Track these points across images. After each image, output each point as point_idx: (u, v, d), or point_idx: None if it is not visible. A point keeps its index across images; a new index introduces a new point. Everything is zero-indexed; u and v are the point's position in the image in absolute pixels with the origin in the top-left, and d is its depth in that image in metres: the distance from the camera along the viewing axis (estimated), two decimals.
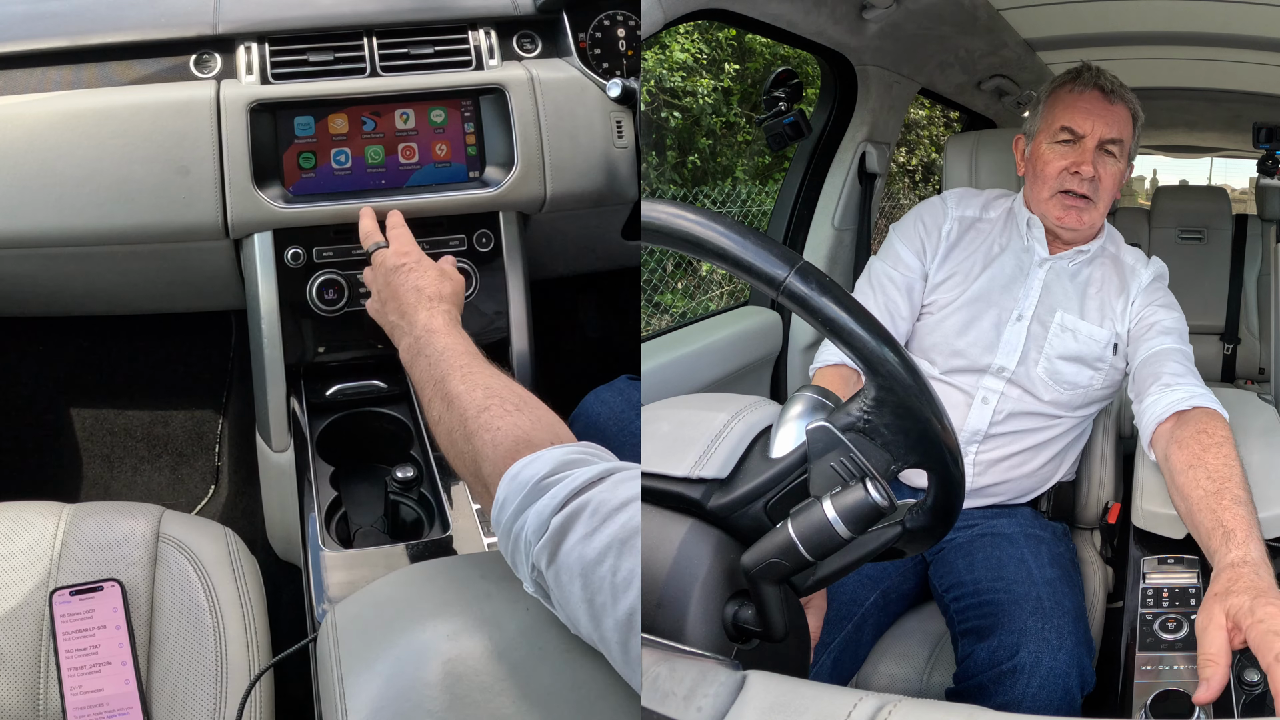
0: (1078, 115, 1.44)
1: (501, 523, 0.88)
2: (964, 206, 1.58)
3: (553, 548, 0.81)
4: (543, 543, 0.82)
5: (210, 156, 1.46)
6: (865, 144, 2.07)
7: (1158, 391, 1.32)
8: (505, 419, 0.98)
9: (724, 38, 3.98)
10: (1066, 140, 1.45)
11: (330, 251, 1.51)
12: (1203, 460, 1.17)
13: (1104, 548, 1.62)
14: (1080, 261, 1.51)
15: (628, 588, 0.76)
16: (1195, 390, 1.31)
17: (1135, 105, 1.48)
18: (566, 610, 0.83)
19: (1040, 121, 1.50)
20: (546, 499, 0.84)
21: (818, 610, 0.93)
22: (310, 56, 1.54)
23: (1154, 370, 1.37)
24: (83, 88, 1.50)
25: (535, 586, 0.86)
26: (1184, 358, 1.39)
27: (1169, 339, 1.42)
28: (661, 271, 3.54)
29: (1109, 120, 1.44)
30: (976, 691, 1.29)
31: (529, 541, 0.84)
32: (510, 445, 0.95)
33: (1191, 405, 1.28)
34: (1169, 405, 1.29)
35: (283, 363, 1.51)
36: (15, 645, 1.14)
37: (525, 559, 0.85)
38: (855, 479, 0.76)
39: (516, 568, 0.88)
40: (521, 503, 0.86)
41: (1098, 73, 1.47)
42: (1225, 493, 1.11)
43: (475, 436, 0.98)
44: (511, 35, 1.64)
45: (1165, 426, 1.29)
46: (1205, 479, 1.14)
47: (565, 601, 0.82)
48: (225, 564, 1.25)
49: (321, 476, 1.41)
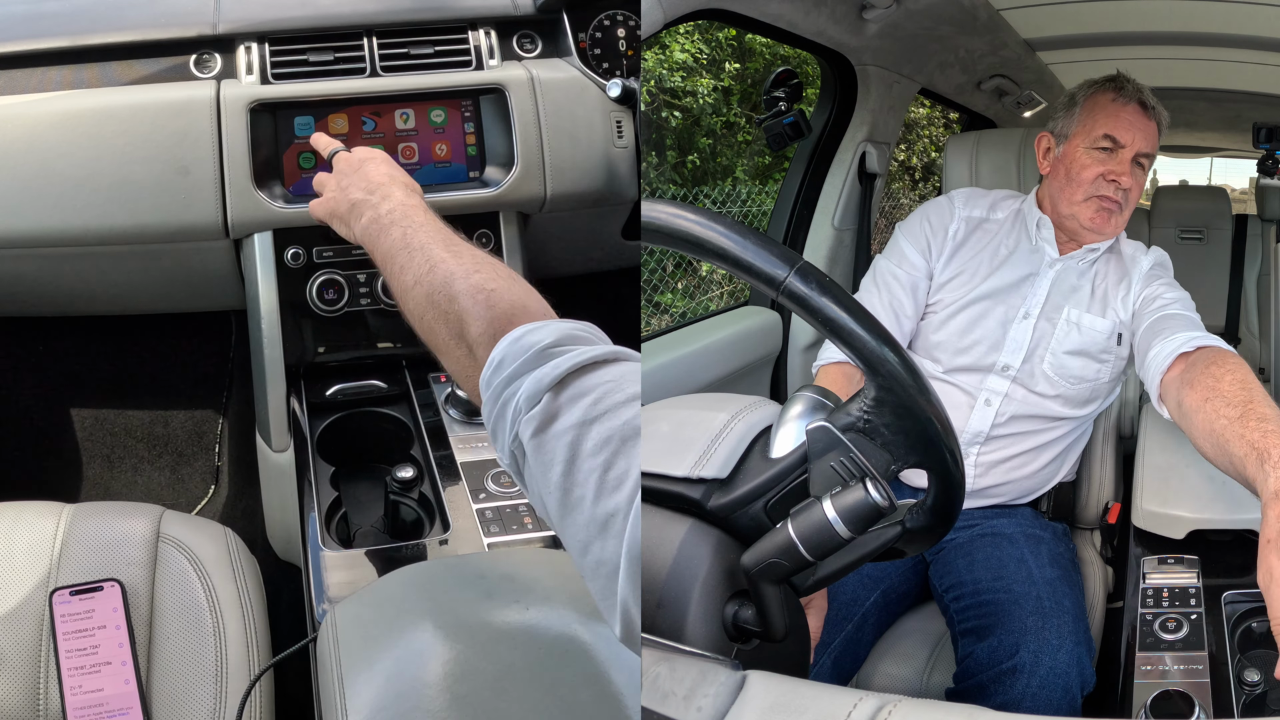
0: (1121, 126, 1.44)
1: (493, 385, 0.82)
2: (971, 206, 1.58)
3: (543, 420, 0.76)
4: (534, 412, 0.77)
5: (210, 156, 1.46)
6: (865, 144, 2.07)
7: (1159, 345, 1.28)
8: (499, 283, 0.92)
9: (724, 38, 3.98)
10: (1106, 148, 1.45)
11: (330, 251, 1.51)
12: (1219, 390, 1.09)
13: (1104, 548, 1.62)
14: (1089, 260, 1.51)
15: (617, 488, 0.71)
16: (1196, 334, 1.26)
17: (1165, 124, 1.49)
18: (537, 488, 0.78)
19: (1077, 125, 1.48)
20: (548, 368, 0.78)
21: (818, 610, 0.93)
22: (310, 56, 1.54)
23: (1155, 330, 1.34)
24: (83, 88, 1.50)
25: (510, 458, 0.81)
26: (1186, 319, 1.34)
27: (1171, 307, 1.39)
28: (661, 271, 3.54)
29: (1147, 134, 1.46)
30: (976, 691, 1.29)
31: (519, 408, 0.78)
32: (506, 307, 0.89)
33: (1194, 346, 1.23)
34: (1171, 352, 1.25)
35: (283, 363, 1.51)
36: (15, 645, 1.14)
37: (509, 426, 0.80)
38: (855, 479, 0.76)
39: (496, 435, 0.82)
40: (520, 366, 0.80)
41: (1139, 87, 1.47)
42: (1250, 414, 1.02)
43: (464, 296, 0.91)
44: (511, 35, 1.64)
45: (1172, 374, 1.23)
46: (1225, 406, 1.05)
47: (540, 480, 0.77)
48: (225, 564, 1.25)
49: (321, 476, 1.41)
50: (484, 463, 1.38)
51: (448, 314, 0.93)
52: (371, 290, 1.53)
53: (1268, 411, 1.01)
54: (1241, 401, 1.04)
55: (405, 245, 1.03)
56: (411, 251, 1.02)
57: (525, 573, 0.98)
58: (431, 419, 1.47)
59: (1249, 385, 1.08)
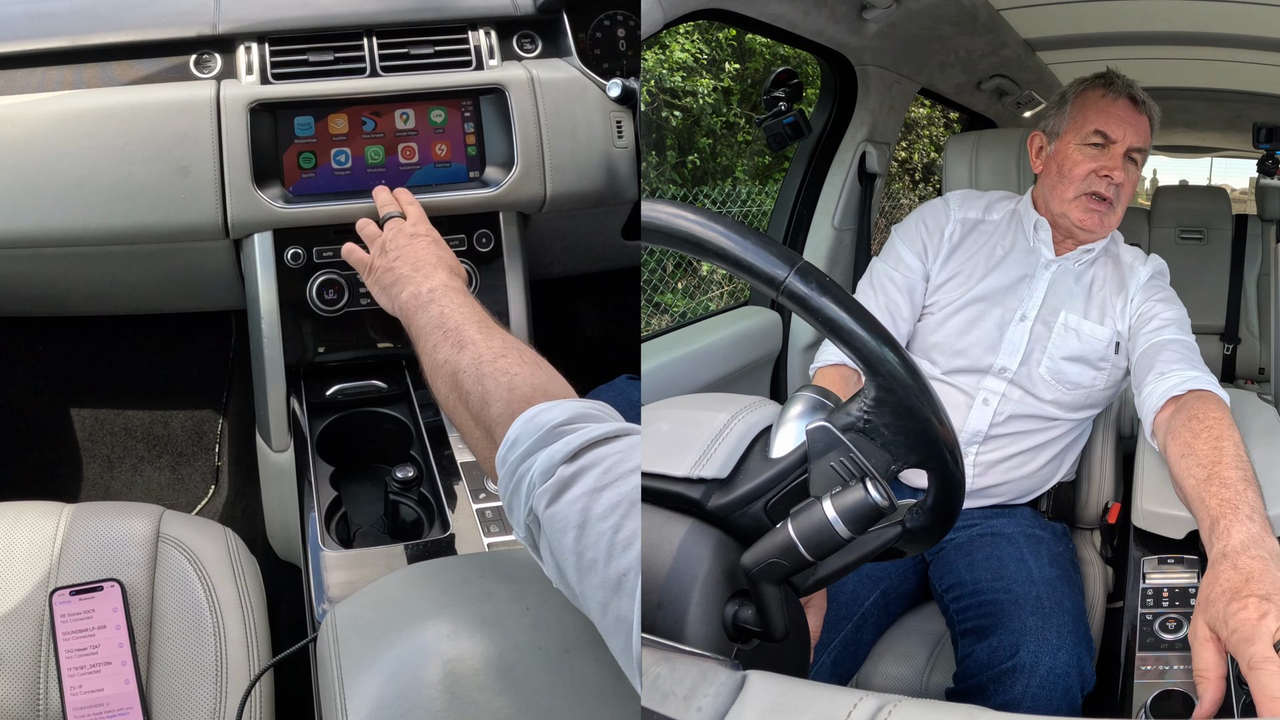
0: (1111, 121, 1.45)
1: (508, 462, 0.87)
2: (967, 208, 1.59)
3: (555, 493, 0.81)
4: (547, 486, 0.81)
5: (210, 156, 1.46)
6: (865, 144, 2.07)
7: (1153, 381, 1.31)
8: (523, 369, 0.99)
9: (724, 38, 3.98)
10: (1098, 144, 1.45)
11: (330, 251, 1.51)
12: (1193, 448, 1.14)
13: (1104, 548, 1.62)
14: (1085, 261, 1.51)
15: (627, 549, 0.75)
16: (1189, 374, 1.28)
17: (1157, 118, 1.49)
18: (553, 559, 0.82)
19: (1068, 122, 1.49)
20: (560, 445, 0.83)
21: (818, 610, 0.93)
22: (310, 56, 1.54)
23: (1150, 360, 1.35)
24: (83, 88, 1.50)
25: (526, 531, 0.85)
26: (1183, 347, 1.37)
27: (1167, 330, 1.41)
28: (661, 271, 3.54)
29: (1138, 129, 1.46)
30: (976, 691, 1.29)
31: (533, 483, 0.83)
32: (527, 390, 0.95)
33: (1185, 389, 1.26)
34: (1164, 393, 1.27)
35: (283, 363, 1.51)
36: (15, 645, 1.14)
37: (524, 501, 0.84)
38: (855, 479, 0.76)
39: (512, 510, 0.87)
40: (533, 444, 0.85)
41: (1129, 82, 1.48)
42: (1214, 478, 1.07)
43: (489, 378, 0.98)
44: (511, 35, 1.64)
45: (1162, 416, 1.27)
46: (1195, 467, 1.11)
47: (555, 550, 0.81)
48: (225, 564, 1.25)
49: (321, 476, 1.41)
50: None
51: (471, 394, 0.99)
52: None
53: (1230, 475, 1.06)
54: (1210, 463, 1.09)
55: (440, 324, 1.11)
56: (446, 331, 1.09)
57: (525, 573, 0.98)
58: (431, 419, 1.47)
59: (1221, 443, 1.12)
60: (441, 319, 1.12)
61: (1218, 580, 0.93)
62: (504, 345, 1.04)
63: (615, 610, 0.74)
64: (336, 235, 1.51)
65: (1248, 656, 0.83)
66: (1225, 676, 0.88)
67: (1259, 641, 0.83)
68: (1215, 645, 0.90)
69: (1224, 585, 0.92)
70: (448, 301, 1.15)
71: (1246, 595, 0.88)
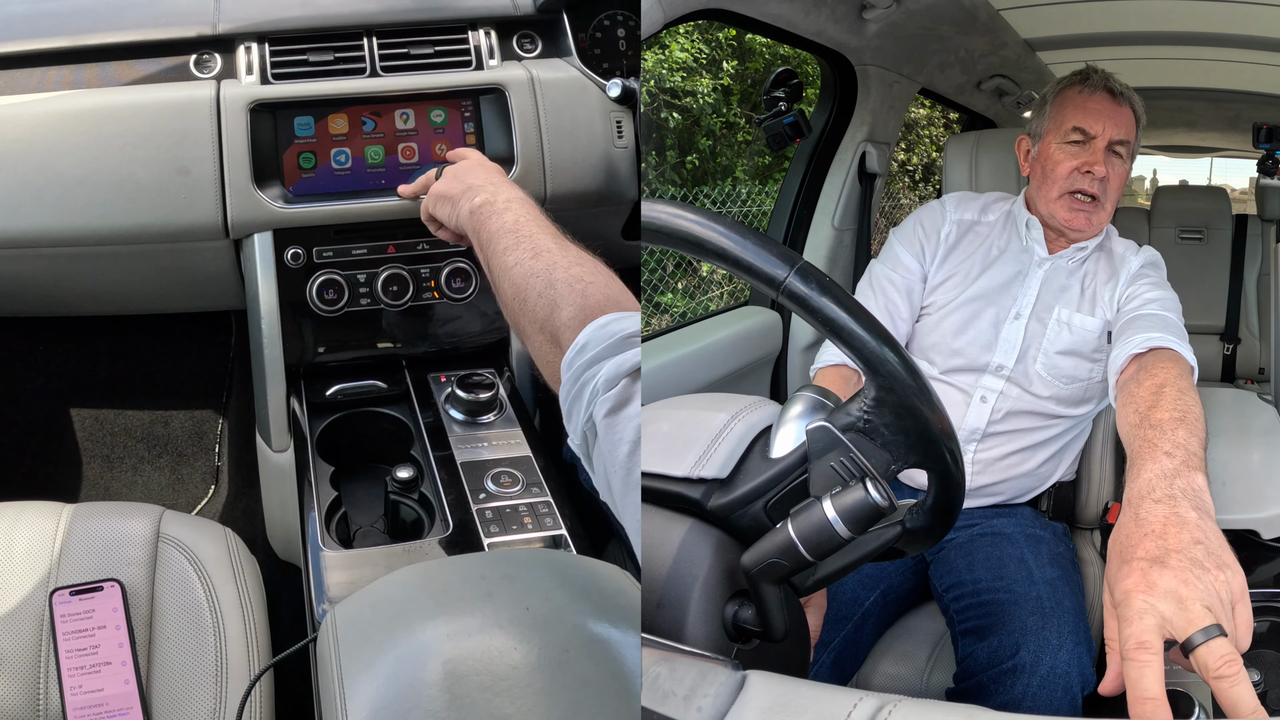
0: (1089, 116, 1.45)
1: (574, 366, 0.87)
2: (962, 210, 1.60)
3: (617, 402, 0.81)
4: (611, 394, 0.81)
5: (210, 156, 1.46)
6: (865, 144, 2.07)
7: (1119, 346, 1.25)
8: (598, 278, 0.97)
9: (724, 38, 3.98)
10: (1077, 141, 1.46)
11: (330, 251, 1.51)
12: (1134, 395, 1.05)
13: (1104, 548, 1.62)
14: (1078, 259, 1.52)
15: None
16: (1153, 335, 1.21)
17: (1140, 108, 1.49)
18: (604, 468, 0.82)
19: (1048, 122, 1.50)
20: (629, 354, 0.83)
21: (818, 609, 0.93)
22: (310, 56, 1.54)
23: (1123, 331, 1.30)
24: (83, 88, 1.50)
25: (581, 439, 0.85)
26: (1158, 320, 1.29)
27: (1148, 306, 1.36)
28: (661, 271, 3.54)
29: (1118, 121, 1.46)
30: (976, 691, 1.29)
31: (596, 389, 0.83)
32: (600, 299, 0.93)
33: (1147, 347, 1.19)
34: (1127, 353, 1.21)
35: (283, 363, 1.51)
36: (15, 645, 1.14)
37: (585, 406, 0.84)
38: (855, 479, 0.76)
39: (570, 415, 0.87)
40: (603, 351, 0.85)
41: (1105, 75, 1.48)
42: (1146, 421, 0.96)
43: (561, 284, 0.96)
44: (511, 35, 1.64)
45: (1124, 375, 1.19)
46: (1131, 412, 1.01)
47: (606, 459, 0.81)
48: (225, 564, 1.25)
49: (321, 476, 1.41)
50: (484, 463, 1.38)
51: (541, 297, 0.97)
52: (371, 290, 1.53)
53: (1162, 417, 0.96)
54: (1146, 407, 1.00)
55: (515, 229, 1.08)
56: (520, 236, 1.06)
57: (525, 573, 0.98)
58: (431, 419, 1.47)
59: (1162, 388, 1.03)
60: (516, 225, 1.09)
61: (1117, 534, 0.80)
62: (579, 255, 1.02)
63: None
64: (336, 235, 1.51)
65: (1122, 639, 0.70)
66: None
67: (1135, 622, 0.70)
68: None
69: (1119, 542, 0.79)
70: (523, 212, 1.12)
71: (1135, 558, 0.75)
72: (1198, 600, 0.71)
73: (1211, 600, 0.71)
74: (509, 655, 0.86)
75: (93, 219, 1.45)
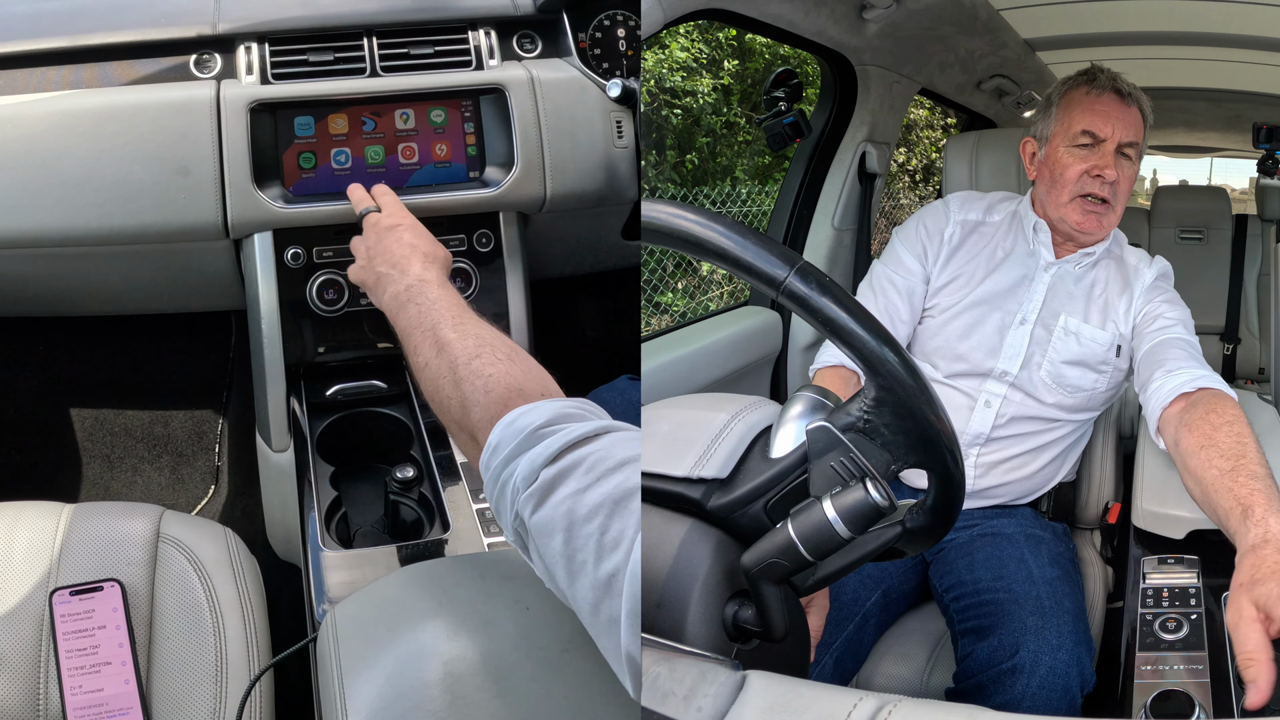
0: (1097, 119, 1.43)
1: (491, 467, 0.87)
2: (967, 210, 1.58)
3: (540, 497, 0.80)
4: (530, 491, 0.81)
5: (210, 156, 1.46)
6: (865, 144, 2.07)
7: (1161, 378, 1.29)
8: (497, 367, 0.98)
9: (724, 38, 3.98)
10: (1086, 144, 1.43)
11: (330, 251, 1.51)
12: (1214, 440, 1.12)
13: (1104, 548, 1.62)
14: (1086, 264, 1.50)
15: (614, 549, 0.74)
16: (1199, 373, 1.27)
17: (1148, 108, 1.47)
18: (543, 562, 0.81)
19: (1055, 124, 1.47)
20: (540, 448, 0.82)
21: (820, 609, 0.93)
22: (310, 56, 1.54)
23: (1158, 358, 1.34)
24: (83, 88, 1.50)
25: (515, 535, 0.85)
26: (1189, 347, 1.36)
27: (1174, 329, 1.39)
28: (661, 271, 3.54)
29: (1127, 123, 1.43)
30: (976, 691, 1.29)
31: (516, 489, 0.83)
32: (503, 393, 0.94)
33: (1196, 387, 1.25)
34: (1173, 389, 1.26)
35: (283, 363, 1.51)
36: (15, 645, 1.14)
37: (510, 506, 0.84)
38: (855, 479, 0.76)
39: (500, 515, 0.87)
40: (515, 449, 0.85)
41: (1113, 75, 1.46)
42: (1241, 469, 1.05)
43: (465, 382, 0.97)
44: (511, 35, 1.64)
45: (1171, 411, 1.25)
46: (1219, 458, 1.09)
47: (544, 553, 0.80)
48: (225, 564, 1.25)
49: (321, 476, 1.41)
50: None
51: (450, 399, 0.99)
52: None
53: (1258, 470, 1.04)
54: (1235, 455, 1.07)
55: (419, 324, 1.10)
56: (423, 332, 1.08)
57: (525, 573, 0.98)
58: (431, 419, 1.47)
59: (1244, 439, 1.11)
60: (419, 318, 1.11)
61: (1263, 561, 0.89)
62: (477, 344, 1.02)
63: (606, 611, 0.74)
64: (336, 235, 1.51)
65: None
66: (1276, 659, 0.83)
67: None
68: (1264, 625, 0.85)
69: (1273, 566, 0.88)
70: (423, 298, 1.14)
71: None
72: None
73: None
74: (509, 655, 0.86)
75: (93, 219, 1.45)
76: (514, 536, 0.86)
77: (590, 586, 0.75)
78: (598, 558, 0.75)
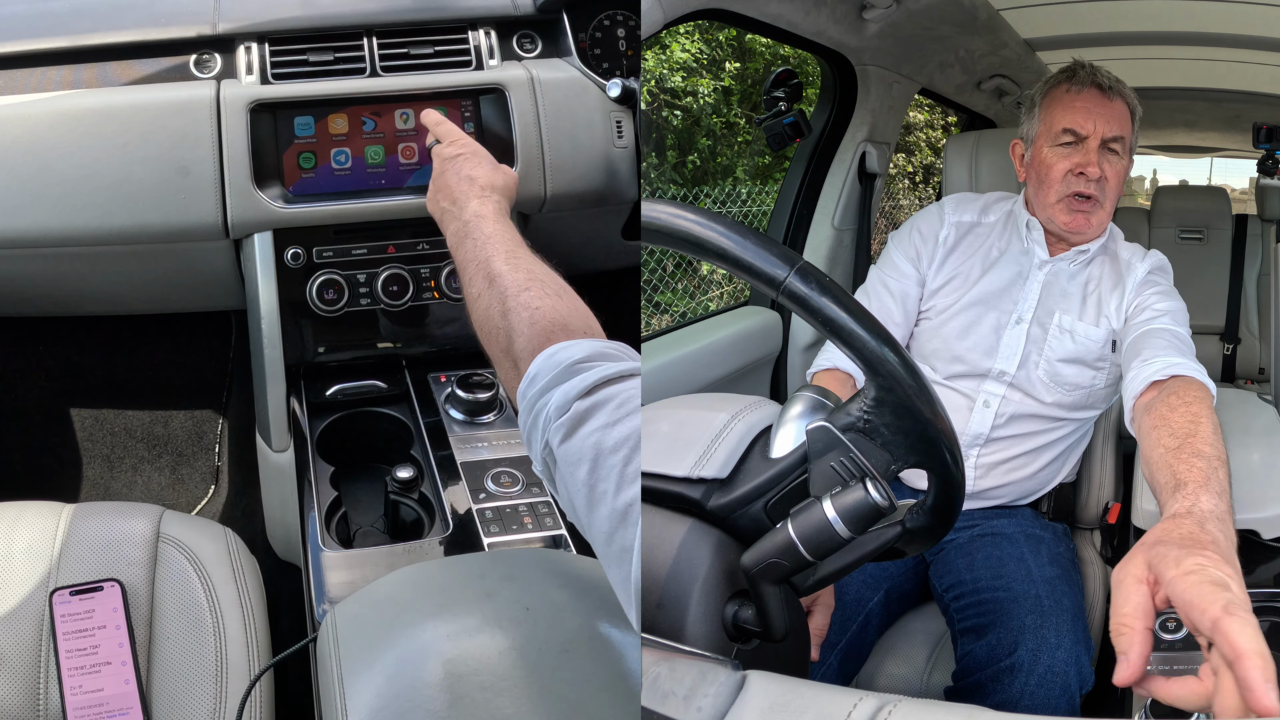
0: (1078, 115, 1.42)
1: (528, 396, 0.90)
2: (961, 211, 1.58)
3: (570, 427, 0.83)
4: (562, 421, 0.83)
5: (210, 156, 1.46)
6: (865, 144, 2.07)
7: (1137, 367, 1.25)
8: (545, 301, 1.01)
9: (724, 38, 3.98)
10: (1069, 142, 1.43)
11: (330, 251, 1.51)
12: (1168, 420, 1.08)
13: (1104, 548, 1.62)
14: (1080, 262, 1.50)
15: (634, 480, 0.77)
16: (1174, 360, 1.22)
17: (1133, 100, 1.45)
18: (566, 491, 0.84)
19: (1039, 124, 1.47)
20: (576, 381, 0.85)
21: (826, 608, 0.93)
22: (310, 56, 1.54)
23: (1137, 349, 1.30)
24: (82, 88, 1.50)
25: (542, 464, 0.88)
26: (1172, 337, 1.31)
27: (1159, 320, 1.36)
28: (661, 271, 3.54)
29: (1110, 118, 1.42)
30: (975, 689, 1.29)
31: (549, 417, 0.85)
32: (547, 325, 0.97)
33: (1169, 374, 1.20)
34: (1146, 378, 1.22)
35: (283, 363, 1.51)
36: (15, 645, 1.14)
37: (540, 435, 0.87)
38: (855, 479, 0.76)
39: (530, 444, 0.90)
40: (551, 380, 0.87)
41: (1093, 69, 1.44)
42: (1186, 448, 1.00)
43: (513, 313, 1.00)
44: (511, 35, 1.64)
45: (1143, 399, 1.20)
46: (1168, 437, 1.04)
47: (568, 482, 0.83)
48: (225, 564, 1.25)
49: (321, 476, 1.41)
50: (484, 463, 1.38)
51: (499, 329, 1.02)
52: (371, 290, 1.53)
53: (1205, 449, 0.99)
54: (1184, 434, 1.03)
55: (475, 258, 1.13)
56: (478, 265, 1.12)
57: (525, 573, 0.98)
58: (431, 419, 1.47)
59: (1198, 420, 1.06)
60: (475, 253, 1.14)
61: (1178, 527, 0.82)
62: (528, 277, 1.05)
63: (620, 540, 0.76)
64: (336, 235, 1.51)
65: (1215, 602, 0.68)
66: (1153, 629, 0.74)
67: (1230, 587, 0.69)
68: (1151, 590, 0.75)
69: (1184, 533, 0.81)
70: (479, 233, 1.17)
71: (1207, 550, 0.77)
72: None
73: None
74: (509, 655, 0.86)
75: (93, 219, 1.45)
76: (541, 465, 0.88)
77: (608, 515, 0.78)
78: (618, 488, 0.77)
